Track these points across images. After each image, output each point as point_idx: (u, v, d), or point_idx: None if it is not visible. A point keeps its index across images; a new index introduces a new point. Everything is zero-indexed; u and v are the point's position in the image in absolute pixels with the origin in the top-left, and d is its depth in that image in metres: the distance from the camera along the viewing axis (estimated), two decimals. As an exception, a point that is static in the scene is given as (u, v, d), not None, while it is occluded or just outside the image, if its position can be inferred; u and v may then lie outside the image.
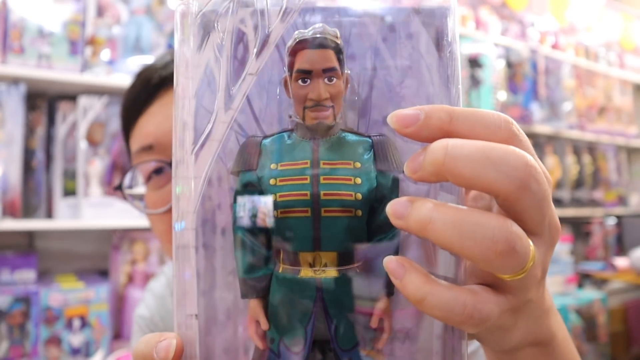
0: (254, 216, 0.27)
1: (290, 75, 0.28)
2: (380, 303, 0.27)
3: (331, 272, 0.26)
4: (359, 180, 0.27)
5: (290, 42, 0.29)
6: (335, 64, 0.28)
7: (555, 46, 2.92)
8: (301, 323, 0.27)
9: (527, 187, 0.24)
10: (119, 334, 1.63)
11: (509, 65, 2.57)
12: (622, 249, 3.05)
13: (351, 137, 0.28)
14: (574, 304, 2.23)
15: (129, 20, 1.65)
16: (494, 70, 2.38)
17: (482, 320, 0.24)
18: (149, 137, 0.54)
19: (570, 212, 2.77)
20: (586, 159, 2.91)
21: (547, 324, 0.31)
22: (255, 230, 0.27)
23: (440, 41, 0.28)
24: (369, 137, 0.28)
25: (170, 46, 1.69)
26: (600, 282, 2.91)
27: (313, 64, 0.28)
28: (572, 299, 2.26)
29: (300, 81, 0.28)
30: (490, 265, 0.24)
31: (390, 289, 0.26)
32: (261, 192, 0.27)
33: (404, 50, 0.28)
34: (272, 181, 0.27)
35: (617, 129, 3.14)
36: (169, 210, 0.50)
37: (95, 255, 1.77)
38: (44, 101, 1.59)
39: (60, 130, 1.61)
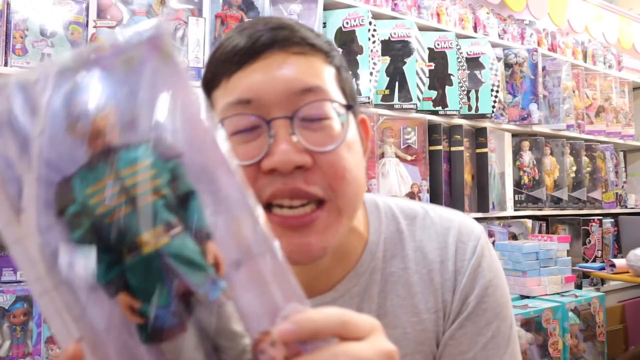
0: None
1: None
2: (209, 246, 0.34)
3: (162, 240, 0.33)
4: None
5: None
6: None
7: (553, 47, 2.93)
8: (162, 286, 0.33)
9: None
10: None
11: (508, 65, 2.59)
12: (619, 248, 3.07)
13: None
14: (572, 303, 2.24)
15: (130, 21, 1.66)
16: (493, 70, 2.39)
17: None
18: (249, 92, 0.55)
19: (569, 212, 2.79)
20: (584, 159, 2.93)
21: None
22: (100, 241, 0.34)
23: None
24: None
25: None
26: (598, 282, 2.93)
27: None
28: (570, 298, 2.27)
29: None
30: None
31: (209, 235, 0.35)
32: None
33: None
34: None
35: (615, 129, 3.16)
36: (255, 163, 0.53)
37: (97, 255, 1.78)
38: (45, 102, 1.60)
39: (62, 130, 1.62)
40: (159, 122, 0.35)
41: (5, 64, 1.48)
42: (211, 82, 0.59)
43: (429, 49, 2.25)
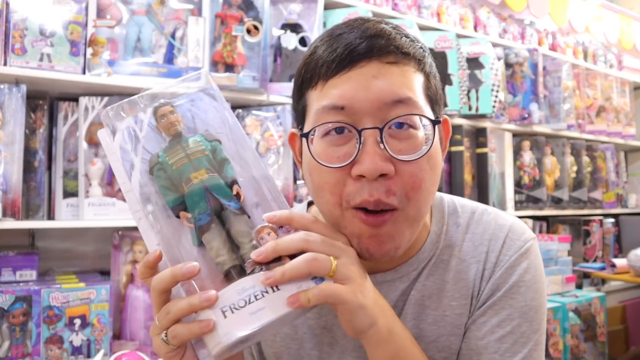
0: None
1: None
2: (235, 187, 0.58)
3: (205, 177, 0.58)
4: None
5: None
6: None
7: (554, 47, 2.92)
8: (203, 200, 0.57)
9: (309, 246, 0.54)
10: (119, 334, 1.64)
11: (508, 65, 2.58)
12: (620, 248, 3.06)
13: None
14: (572, 304, 2.24)
15: (129, 21, 1.66)
16: (493, 70, 2.38)
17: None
18: (343, 99, 0.59)
19: (569, 212, 2.78)
20: (585, 159, 2.92)
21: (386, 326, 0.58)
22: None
23: None
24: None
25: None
26: (598, 282, 2.92)
27: None
28: (571, 299, 2.27)
29: None
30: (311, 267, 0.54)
31: (235, 181, 0.59)
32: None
33: None
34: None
35: (616, 129, 3.15)
36: (344, 167, 0.59)
37: (96, 255, 1.78)
38: (45, 102, 1.60)
39: (62, 130, 1.62)
40: (208, 129, 0.61)
41: (5, 64, 1.48)
42: (307, 82, 0.64)
43: (429, 48, 2.25)
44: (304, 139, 0.63)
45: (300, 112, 0.67)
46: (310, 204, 0.81)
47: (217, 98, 0.63)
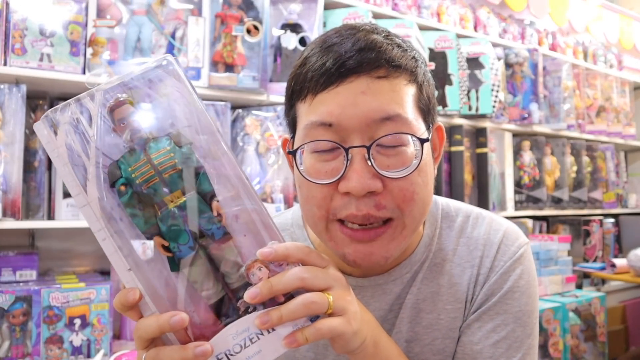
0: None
1: None
2: (214, 204, 0.51)
3: (181, 200, 0.50)
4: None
5: None
6: None
7: (554, 47, 2.92)
8: (182, 229, 0.50)
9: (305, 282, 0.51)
10: (119, 334, 1.64)
11: (508, 65, 2.58)
12: (620, 248, 3.06)
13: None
14: (572, 304, 2.24)
15: (129, 21, 1.66)
16: (493, 70, 2.38)
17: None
18: (331, 116, 0.59)
19: (569, 212, 2.78)
20: (585, 159, 2.92)
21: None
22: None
23: None
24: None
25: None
26: (598, 282, 2.92)
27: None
28: (571, 299, 2.27)
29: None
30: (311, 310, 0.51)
31: (214, 196, 0.51)
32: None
33: None
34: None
35: (616, 129, 3.15)
36: (332, 183, 0.59)
37: (96, 255, 1.78)
38: (45, 102, 1.60)
39: (61, 130, 1.62)
40: (174, 122, 0.52)
41: (5, 64, 1.48)
42: (297, 93, 0.64)
43: (429, 48, 2.25)
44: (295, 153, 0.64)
45: (290, 122, 0.67)
46: None
47: (180, 78, 0.53)
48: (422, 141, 0.60)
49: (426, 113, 0.64)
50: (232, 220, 0.52)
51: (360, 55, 0.59)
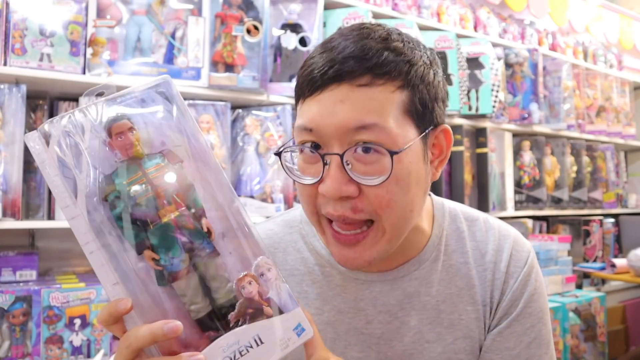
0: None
1: None
2: (204, 220, 0.53)
3: (174, 214, 0.52)
4: None
5: None
6: None
7: (554, 47, 2.92)
8: (174, 243, 0.52)
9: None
10: (119, 334, 1.64)
11: (508, 65, 2.58)
12: (620, 248, 3.06)
13: None
14: (572, 304, 2.24)
15: (129, 21, 1.66)
16: (493, 70, 2.38)
17: None
18: (311, 122, 0.62)
19: (569, 212, 2.78)
20: (585, 159, 2.92)
21: None
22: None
23: None
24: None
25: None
26: (598, 282, 2.92)
27: None
28: (571, 299, 2.26)
29: None
30: None
31: (204, 213, 0.53)
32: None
33: None
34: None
35: (616, 129, 3.15)
36: (313, 184, 0.63)
37: (96, 255, 1.78)
38: (45, 102, 1.60)
39: (61, 130, 1.62)
40: (165, 141, 0.54)
41: (5, 64, 1.48)
42: (297, 96, 0.67)
43: (429, 48, 2.25)
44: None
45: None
46: None
47: (172, 98, 0.55)
48: (392, 153, 0.60)
49: (419, 119, 0.63)
50: (219, 238, 0.53)
51: (343, 64, 0.60)
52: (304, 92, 0.64)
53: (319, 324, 0.74)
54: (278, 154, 0.66)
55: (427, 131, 0.65)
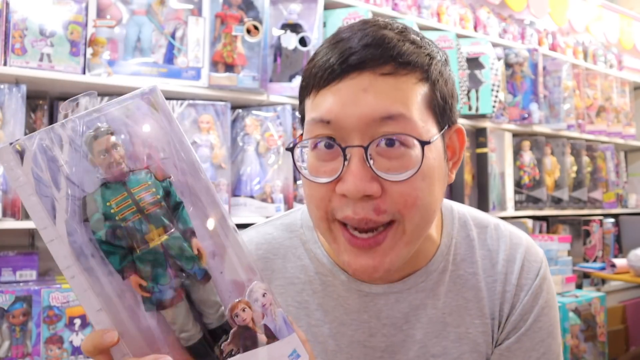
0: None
1: None
2: (194, 241, 0.49)
3: (163, 238, 0.48)
4: None
5: None
6: None
7: (554, 47, 2.92)
8: (163, 269, 0.48)
9: None
10: (119, 334, 1.64)
11: (508, 65, 2.58)
12: (620, 248, 3.06)
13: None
14: (572, 304, 2.24)
15: (129, 21, 1.66)
16: (493, 70, 2.38)
17: None
18: (330, 114, 0.56)
19: (569, 212, 2.78)
20: (585, 159, 2.92)
21: None
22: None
23: None
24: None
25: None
26: (598, 282, 2.92)
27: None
28: (571, 299, 2.27)
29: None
30: None
31: (194, 234, 0.50)
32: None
33: None
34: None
35: (616, 129, 3.15)
36: (329, 183, 0.57)
37: (96, 255, 1.78)
38: (45, 102, 1.60)
39: (61, 130, 1.62)
40: (152, 153, 0.49)
41: (5, 64, 1.48)
42: (304, 89, 0.62)
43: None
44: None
45: (301, 118, 0.65)
46: None
47: (159, 106, 0.50)
48: (423, 144, 0.56)
49: (440, 114, 0.60)
50: (209, 257, 0.50)
51: (364, 51, 0.56)
52: (317, 83, 0.58)
53: (320, 336, 0.70)
54: (290, 149, 0.61)
55: (446, 128, 0.62)
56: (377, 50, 0.56)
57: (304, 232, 0.74)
